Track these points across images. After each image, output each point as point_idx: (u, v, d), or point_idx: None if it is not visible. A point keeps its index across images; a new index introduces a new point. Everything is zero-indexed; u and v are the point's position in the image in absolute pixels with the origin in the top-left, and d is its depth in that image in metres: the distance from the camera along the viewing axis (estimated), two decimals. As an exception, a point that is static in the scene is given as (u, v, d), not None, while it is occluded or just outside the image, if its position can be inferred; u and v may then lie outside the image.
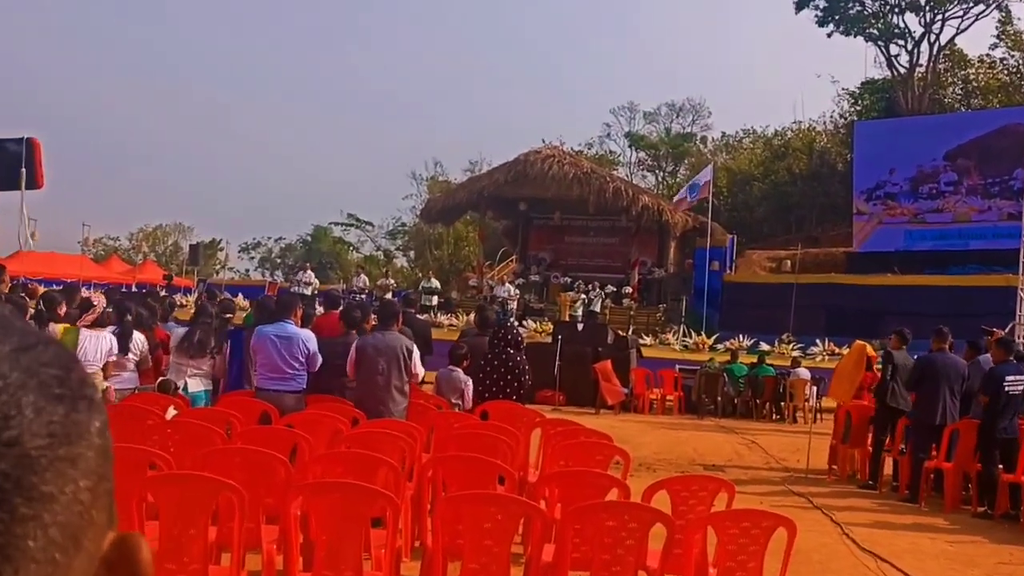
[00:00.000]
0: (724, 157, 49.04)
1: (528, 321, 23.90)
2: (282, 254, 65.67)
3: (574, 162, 30.56)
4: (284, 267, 63.14)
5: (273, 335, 7.53)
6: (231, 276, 44.89)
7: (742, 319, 24.36)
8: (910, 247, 29.55)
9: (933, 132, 30.44)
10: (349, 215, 59.16)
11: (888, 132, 31.87)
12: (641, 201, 28.81)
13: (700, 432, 14.90)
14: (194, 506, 4.27)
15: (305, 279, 27.41)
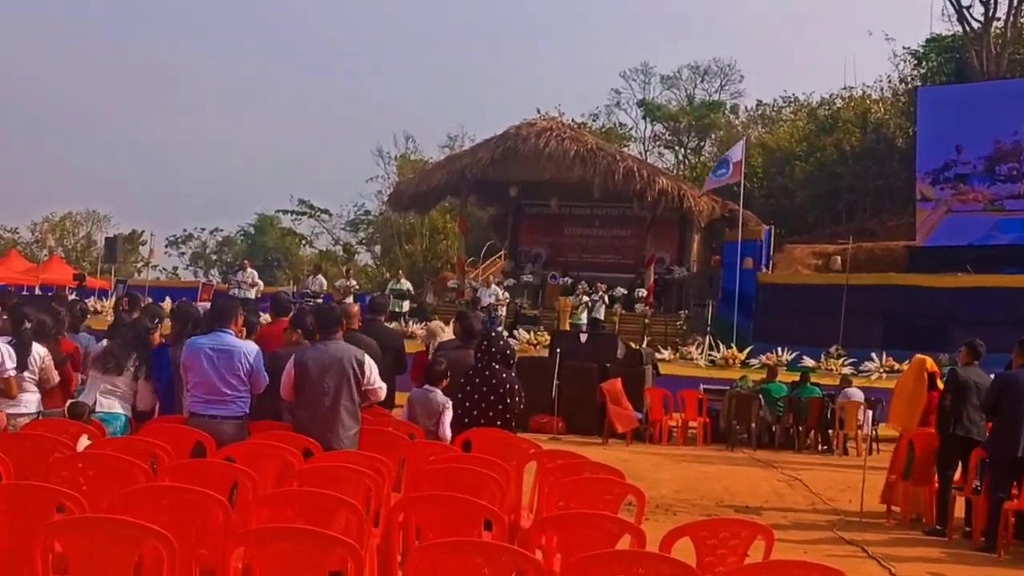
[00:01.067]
0: (759, 130, 49.19)
1: (520, 331, 23.90)
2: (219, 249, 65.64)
3: (576, 137, 30.63)
4: (222, 265, 63.11)
5: (209, 348, 7.50)
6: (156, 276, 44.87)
7: (781, 328, 24.35)
8: (986, 241, 29.67)
9: (1014, 100, 30.54)
10: (301, 201, 59.28)
11: (959, 100, 31.96)
12: (658, 184, 28.87)
13: (730, 466, 14.92)
14: (112, 558, 4.25)
15: (247, 280, 27.37)
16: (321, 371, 7.40)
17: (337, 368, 7.43)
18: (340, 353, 7.50)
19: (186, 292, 28.16)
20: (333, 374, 7.41)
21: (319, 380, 7.39)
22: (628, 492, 6.28)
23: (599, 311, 26.74)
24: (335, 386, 7.39)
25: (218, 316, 7.75)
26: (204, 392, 7.46)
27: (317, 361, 7.44)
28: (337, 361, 7.44)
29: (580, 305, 26.36)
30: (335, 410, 7.38)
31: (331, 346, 7.53)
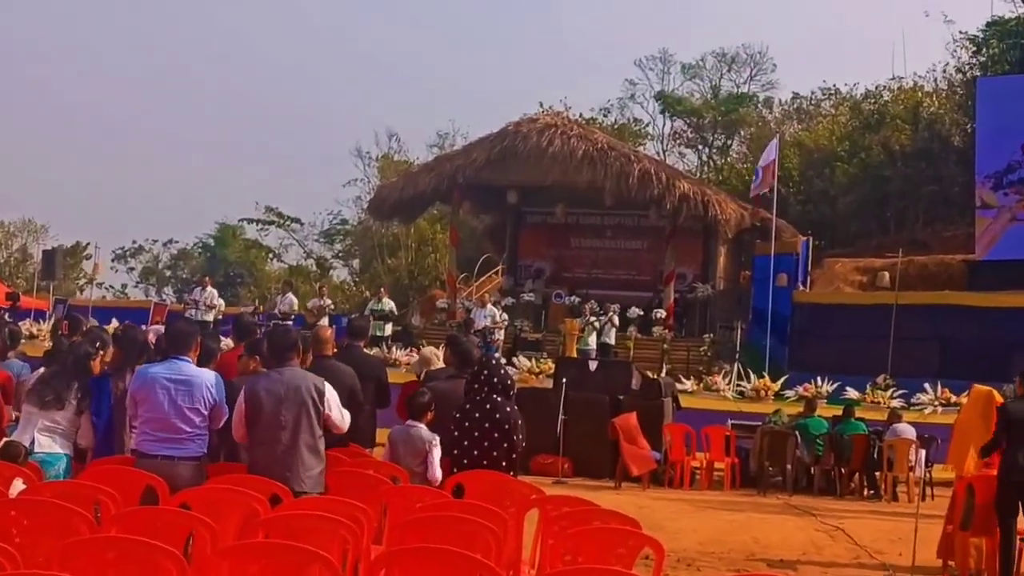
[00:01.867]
0: (795, 127, 49.32)
1: (520, 358, 23.88)
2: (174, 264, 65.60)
3: (584, 134, 30.70)
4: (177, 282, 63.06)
5: (164, 378, 7.50)
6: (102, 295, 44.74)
7: (820, 355, 24.32)
8: (1057, 254, 29.64)
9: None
10: (268, 209, 59.24)
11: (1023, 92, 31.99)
12: (678, 189, 28.91)
13: (762, 514, 14.89)
14: (49, 620, 4.25)
15: (206, 299, 27.41)
16: (276, 403, 7.40)
17: (294, 399, 7.43)
18: (296, 381, 7.50)
19: (136, 313, 28.16)
20: (290, 405, 7.41)
21: (274, 413, 7.40)
22: (645, 544, 6.28)
23: (610, 335, 26.74)
24: (293, 419, 7.40)
25: (175, 341, 7.76)
26: (157, 429, 7.44)
27: (271, 392, 7.45)
28: (293, 391, 7.45)
29: (589, 328, 26.35)
30: (294, 447, 7.38)
31: (286, 374, 7.55)
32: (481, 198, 33.00)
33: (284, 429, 7.37)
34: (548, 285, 32.39)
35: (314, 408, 7.46)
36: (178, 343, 7.72)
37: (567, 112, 37.18)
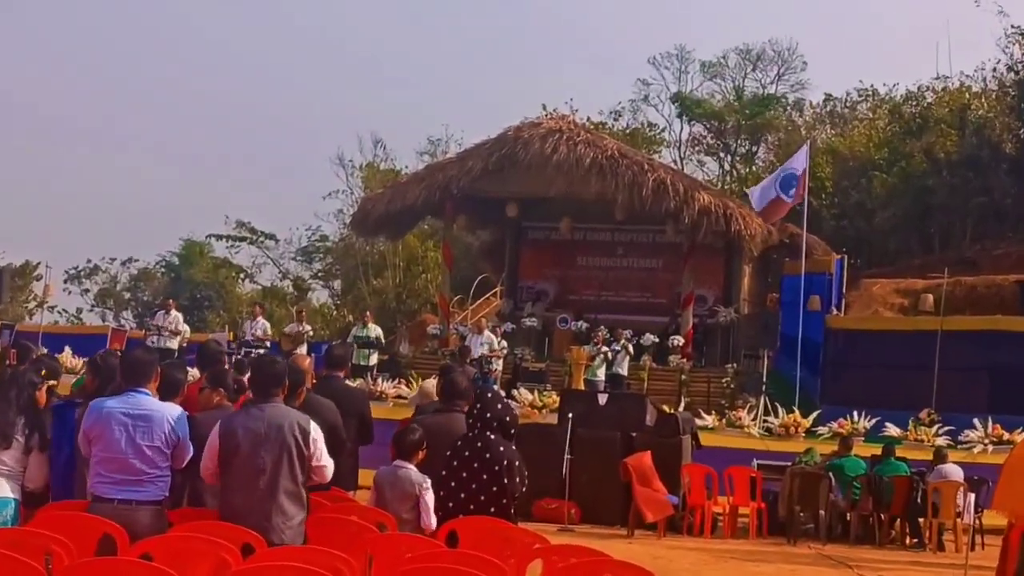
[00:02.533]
0: (828, 132, 49.37)
1: (521, 390, 23.87)
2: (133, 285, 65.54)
3: (592, 140, 30.71)
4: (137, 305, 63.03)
5: (121, 413, 7.48)
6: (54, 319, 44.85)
7: (857, 387, 24.31)
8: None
9: None
10: (239, 223, 59.25)
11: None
12: (698, 202, 28.89)
13: (792, 565, 14.87)
14: None
15: (169, 324, 27.40)
16: (255, 443, 7.34)
17: (276, 439, 7.37)
18: (279, 420, 7.44)
19: (91, 340, 28.14)
20: (271, 447, 7.35)
21: (252, 455, 7.33)
22: (660, 599, 6.27)
23: (622, 365, 26.70)
24: (273, 462, 7.34)
25: (132, 372, 7.73)
26: (114, 470, 7.41)
27: (250, 430, 7.38)
28: (275, 430, 7.39)
29: (598, 357, 26.32)
30: (272, 494, 7.33)
31: (268, 411, 7.47)
32: (477, 212, 32.99)
33: (262, 473, 7.31)
34: (552, 309, 32.35)
35: (297, 451, 7.38)
36: (135, 373, 7.68)
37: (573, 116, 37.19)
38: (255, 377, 7.81)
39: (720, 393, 26.79)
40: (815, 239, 31.57)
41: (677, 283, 31.24)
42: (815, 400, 24.50)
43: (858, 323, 29.52)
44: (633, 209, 29.08)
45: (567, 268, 33.75)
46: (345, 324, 42.54)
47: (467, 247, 41.96)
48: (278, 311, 49.26)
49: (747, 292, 32.53)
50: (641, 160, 30.72)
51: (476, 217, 33.88)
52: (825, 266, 29.89)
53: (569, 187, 29.49)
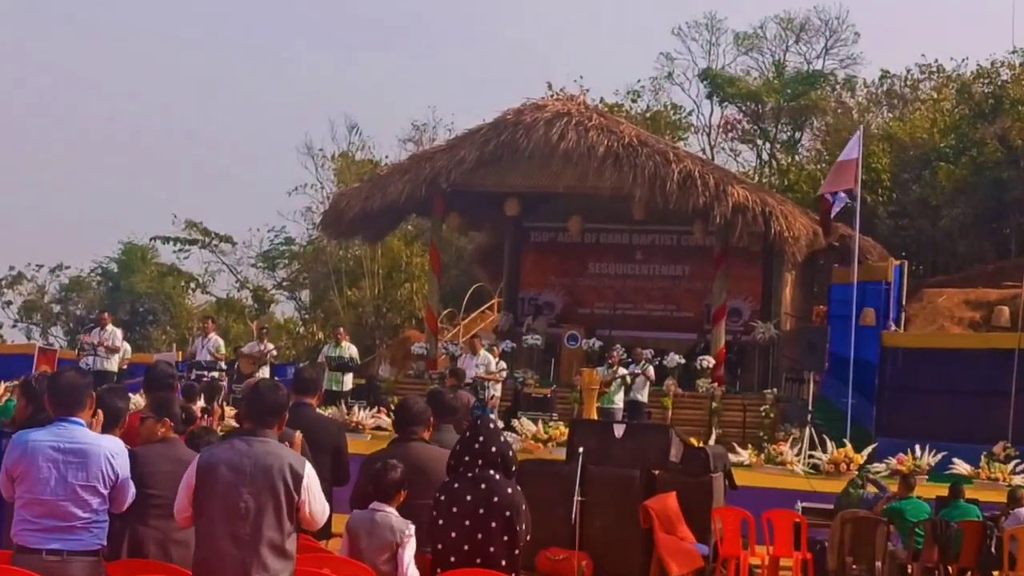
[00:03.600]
0: (884, 116, 49.39)
1: (523, 420, 23.91)
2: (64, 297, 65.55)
3: (607, 126, 30.73)
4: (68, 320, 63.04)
5: (50, 447, 7.48)
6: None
7: (919, 416, 24.33)
8: None
9: None
10: (189, 224, 59.25)
11: None
12: (731, 197, 28.90)
13: (844, 627, 14.86)
14: None
15: (105, 341, 27.40)
16: (237, 482, 7.20)
17: (263, 480, 7.24)
18: (268, 459, 7.30)
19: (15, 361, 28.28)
20: (256, 488, 7.21)
21: (233, 496, 7.19)
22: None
23: (642, 390, 26.67)
24: (257, 507, 7.20)
25: (63, 398, 7.72)
26: (42, 514, 7.41)
27: (233, 467, 7.24)
28: (263, 470, 7.26)
29: (614, 381, 26.32)
30: (254, 545, 7.20)
31: (257, 446, 7.33)
32: (471, 209, 33.03)
33: (243, 519, 7.15)
34: (559, 324, 32.42)
35: (287, 496, 7.22)
36: (67, 400, 7.65)
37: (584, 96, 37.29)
38: (252, 404, 7.67)
39: (758, 424, 26.83)
40: (869, 242, 31.63)
41: (707, 294, 31.29)
42: (870, 432, 24.54)
43: (920, 341, 29.51)
44: (655, 206, 29.11)
45: (576, 276, 33.82)
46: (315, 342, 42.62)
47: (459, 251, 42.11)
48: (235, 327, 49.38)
49: (789, 304, 32.56)
50: (664, 149, 30.69)
51: (469, 216, 33.90)
52: (881, 273, 29.88)
53: (579, 181, 29.55)
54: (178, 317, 58.57)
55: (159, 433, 8.24)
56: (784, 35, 55.87)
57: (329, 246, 47.45)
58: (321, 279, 52.39)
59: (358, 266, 48.49)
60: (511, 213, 31.60)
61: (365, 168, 47.84)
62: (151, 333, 55.91)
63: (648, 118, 49.32)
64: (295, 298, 58.47)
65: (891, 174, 42.11)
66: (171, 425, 8.24)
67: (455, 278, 40.06)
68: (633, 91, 54.16)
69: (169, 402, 8.45)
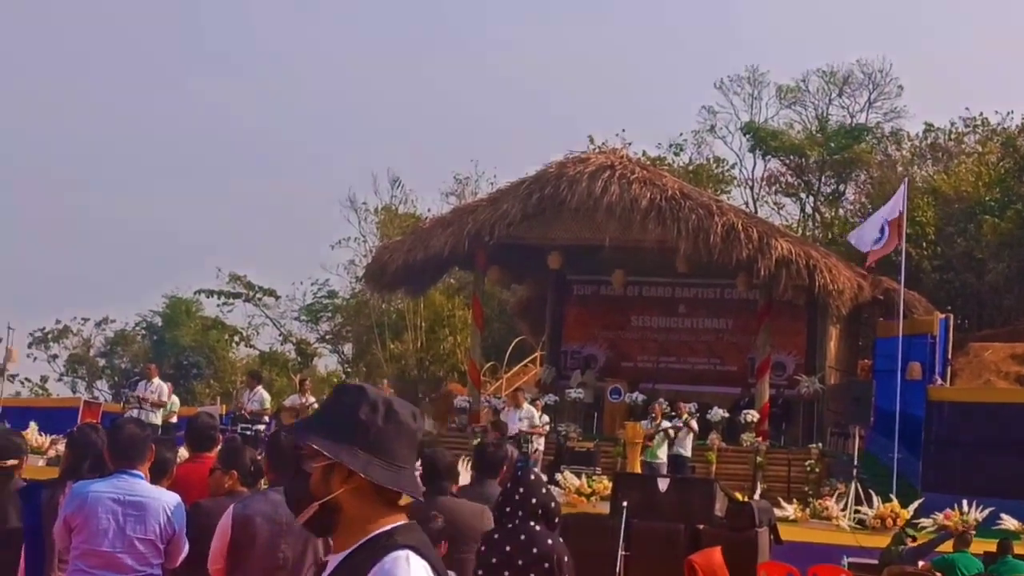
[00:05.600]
0: (929, 169, 49.26)
1: (567, 473, 23.86)
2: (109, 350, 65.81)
3: (650, 179, 30.75)
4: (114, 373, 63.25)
5: (110, 499, 7.48)
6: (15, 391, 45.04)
7: (966, 471, 24.17)
8: None
9: None
10: (233, 277, 59.48)
11: None
12: (775, 251, 28.87)
13: None
14: None
15: (151, 395, 27.45)
16: (275, 534, 7.24)
17: (300, 531, 7.13)
18: None
19: (61, 414, 28.35)
20: (293, 540, 7.24)
21: (270, 548, 7.22)
22: None
23: (685, 444, 26.63)
24: (295, 558, 7.23)
25: (123, 450, 7.72)
26: (97, 565, 7.40)
27: (269, 518, 7.27)
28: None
29: (657, 435, 26.29)
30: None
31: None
32: (514, 263, 33.06)
33: (282, 569, 7.20)
34: (602, 378, 32.37)
35: (324, 545, 7.11)
36: (128, 452, 7.65)
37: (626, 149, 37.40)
38: (275, 455, 7.68)
39: (803, 478, 26.72)
40: (914, 295, 31.50)
41: (751, 347, 31.23)
42: (916, 487, 24.37)
43: (967, 395, 29.36)
44: (698, 260, 29.09)
45: (619, 329, 33.78)
46: (358, 396, 42.58)
47: (501, 304, 42.10)
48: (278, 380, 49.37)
49: (834, 358, 32.43)
50: (707, 202, 30.70)
51: (512, 269, 33.94)
52: (927, 327, 29.78)
53: (622, 234, 29.53)
54: (222, 370, 58.68)
55: (226, 485, 8.16)
56: (827, 88, 55.98)
57: (372, 299, 47.50)
58: (364, 332, 52.47)
59: (401, 319, 48.57)
60: (554, 266, 31.60)
61: (408, 221, 48.01)
62: (195, 387, 56.03)
63: (691, 171, 49.39)
64: (338, 351, 58.60)
65: (936, 227, 42.03)
66: (238, 477, 8.20)
67: (497, 331, 40.06)
68: (676, 144, 54.51)
69: (238, 453, 8.39)
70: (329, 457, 3.94)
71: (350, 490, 3.98)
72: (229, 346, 61.41)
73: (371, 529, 3.98)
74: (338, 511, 4.01)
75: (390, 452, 4.00)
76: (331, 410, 4.12)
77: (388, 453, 3.99)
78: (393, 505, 4.06)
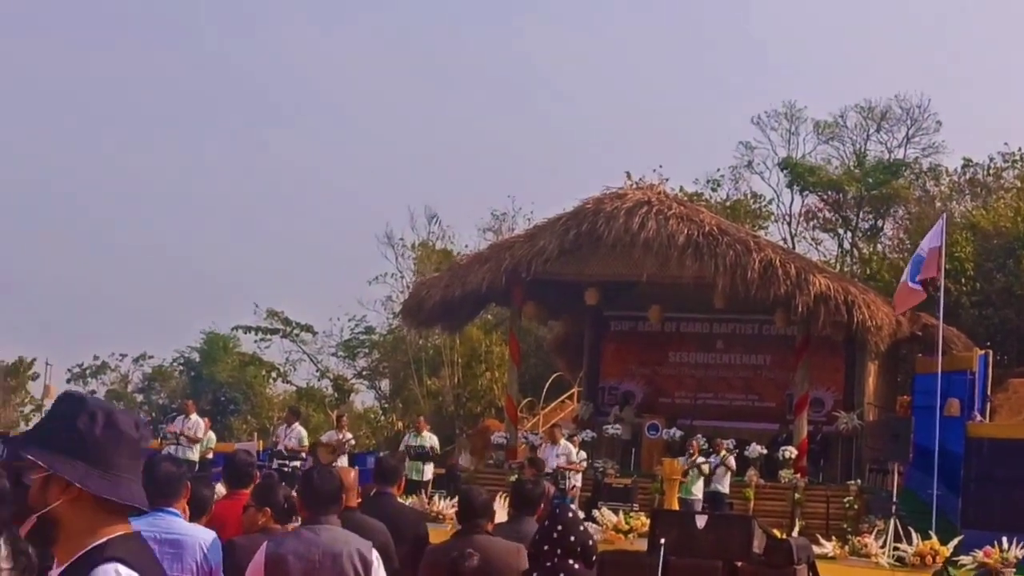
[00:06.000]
0: (967, 204, 49.11)
1: (604, 510, 23.80)
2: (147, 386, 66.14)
3: (687, 214, 30.72)
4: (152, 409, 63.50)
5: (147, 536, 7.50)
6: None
7: (1007, 508, 24.03)
8: None
9: None
10: (270, 313, 59.60)
11: None
12: (813, 287, 28.80)
13: None
14: None
15: (188, 431, 27.53)
16: (308, 572, 7.25)
17: (333, 569, 7.26)
18: (338, 545, 7.33)
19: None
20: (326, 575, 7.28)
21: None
22: None
23: (723, 480, 26.57)
24: None
25: (159, 488, 7.74)
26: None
27: (302, 557, 7.28)
28: (333, 558, 7.29)
29: (694, 471, 26.23)
30: None
31: (324, 534, 7.36)
32: (550, 298, 33.06)
33: None
34: (640, 414, 32.33)
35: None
36: (164, 490, 7.62)
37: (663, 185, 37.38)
38: (308, 492, 7.67)
39: (841, 515, 26.59)
40: (953, 331, 31.36)
41: (789, 383, 31.14)
42: (955, 523, 24.24)
43: (1007, 431, 29.14)
44: (736, 295, 29.01)
45: (657, 365, 33.73)
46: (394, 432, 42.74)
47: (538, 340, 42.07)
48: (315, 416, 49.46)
49: (872, 394, 32.30)
50: (745, 237, 30.63)
51: (549, 305, 33.91)
52: (966, 363, 29.64)
53: (659, 270, 29.50)
54: (259, 406, 58.83)
55: (259, 523, 8.17)
56: (865, 124, 55.96)
57: (409, 335, 47.56)
58: (401, 368, 52.54)
59: (438, 355, 48.62)
60: (591, 302, 31.59)
61: (444, 258, 48.12)
62: (232, 422, 56.16)
63: (728, 207, 49.36)
64: (375, 387, 58.67)
65: (975, 263, 41.81)
66: (271, 514, 8.20)
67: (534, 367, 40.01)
68: (713, 180, 54.44)
69: (273, 490, 8.39)
70: (45, 468, 3.83)
71: (69, 501, 3.87)
72: (266, 382, 61.61)
73: (89, 541, 3.88)
74: (58, 523, 3.90)
75: (109, 462, 3.91)
76: (50, 421, 4.02)
77: (107, 463, 3.90)
78: (116, 515, 3.97)
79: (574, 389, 37.22)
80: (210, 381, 61.00)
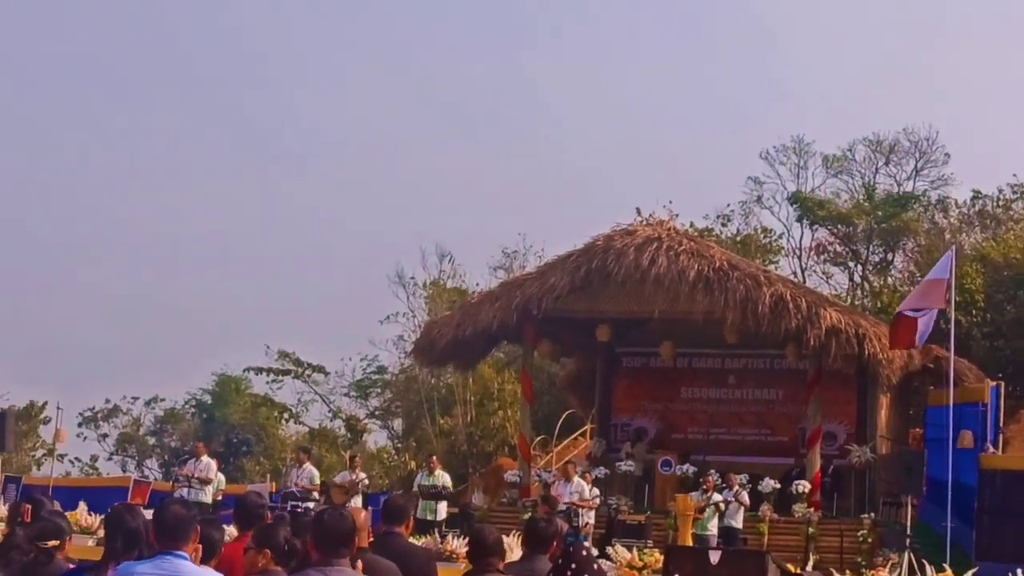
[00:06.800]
0: (977, 236, 49.09)
1: (618, 547, 23.76)
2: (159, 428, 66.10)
3: (697, 250, 30.78)
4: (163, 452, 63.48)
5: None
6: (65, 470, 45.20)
7: (1019, 539, 23.98)
8: None
9: None
10: (282, 354, 59.63)
11: None
12: (824, 321, 28.81)
13: None
14: None
15: (199, 473, 27.50)
16: None
17: None
18: None
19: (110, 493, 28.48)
20: None
21: None
22: None
23: (736, 516, 26.53)
24: None
25: (168, 531, 7.72)
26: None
27: None
28: None
29: (708, 507, 26.20)
30: None
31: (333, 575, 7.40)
32: (562, 336, 33.11)
33: None
34: (652, 450, 32.31)
35: None
36: (172, 533, 7.64)
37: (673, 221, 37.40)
38: (320, 533, 7.67)
39: (856, 549, 26.55)
40: (965, 363, 31.30)
41: (801, 417, 31.11)
42: (970, 556, 24.16)
43: (1019, 463, 29.11)
44: (747, 330, 29.06)
45: (669, 401, 33.72)
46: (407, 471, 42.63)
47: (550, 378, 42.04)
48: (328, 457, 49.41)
49: (885, 427, 32.24)
50: (755, 272, 30.71)
51: (561, 342, 33.94)
52: (978, 395, 29.58)
53: (670, 306, 29.54)
54: (272, 448, 58.76)
55: (259, 565, 8.16)
56: (873, 157, 55.94)
57: (421, 374, 47.65)
58: (413, 407, 52.51)
59: (450, 394, 48.59)
60: (603, 339, 31.65)
61: (456, 296, 48.15)
62: (245, 464, 56.12)
63: (738, 242, 49.39)
64: (388, 427, 58.63)
65: (985, 295, 41.77)
66: (271, 556, 8.19)
67: (547, 404, 39.98)
68: (722, 215, 54.49)
69: (273, 533, 8.38)
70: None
71: None
72: (279, 423, 61.56)
73: None
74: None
75: None
76: None
77: None
78: None
79: (587, 426, 37.19)
80: (222, 423, 61.02)
